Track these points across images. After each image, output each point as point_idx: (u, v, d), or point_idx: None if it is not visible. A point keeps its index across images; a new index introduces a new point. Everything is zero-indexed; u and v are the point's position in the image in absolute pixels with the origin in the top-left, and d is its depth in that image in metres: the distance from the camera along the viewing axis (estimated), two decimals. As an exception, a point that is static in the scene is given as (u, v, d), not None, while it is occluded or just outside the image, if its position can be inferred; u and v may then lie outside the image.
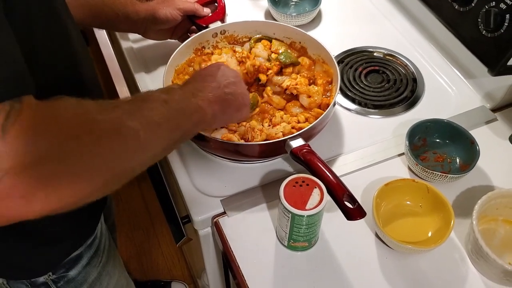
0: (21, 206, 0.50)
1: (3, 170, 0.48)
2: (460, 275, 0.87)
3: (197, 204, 0.95)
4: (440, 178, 0.93)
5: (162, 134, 0.66)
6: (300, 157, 0.87)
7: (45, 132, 0.51)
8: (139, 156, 0.63)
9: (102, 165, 0.56)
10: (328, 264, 0.88)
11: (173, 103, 0.70)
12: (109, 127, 0.57)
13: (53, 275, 0.93)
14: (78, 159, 0.53)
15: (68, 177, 0.53)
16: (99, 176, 0.56)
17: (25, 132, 0.49)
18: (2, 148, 0.48)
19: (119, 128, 0.59)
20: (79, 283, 0.98)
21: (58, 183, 0.52)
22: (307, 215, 0.79)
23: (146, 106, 0.66)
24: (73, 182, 0.53)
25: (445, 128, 1.01)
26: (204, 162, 1.02)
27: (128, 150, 0.60)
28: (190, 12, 1.13)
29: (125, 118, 0.60)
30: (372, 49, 1.25)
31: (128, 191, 2.26)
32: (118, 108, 0.62)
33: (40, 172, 0.50)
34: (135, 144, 0.61)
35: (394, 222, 0.92)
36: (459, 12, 1.06)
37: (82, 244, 0.95)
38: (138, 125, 0.61)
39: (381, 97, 1.14)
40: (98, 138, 0.56)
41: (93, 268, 1.00)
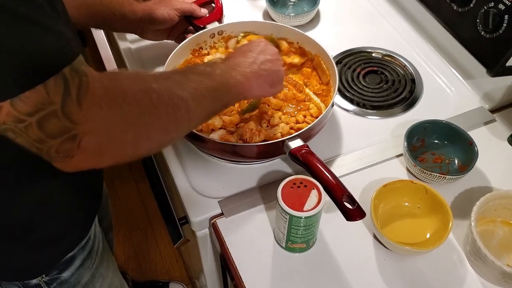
0: (94, 160, 0.61)
1: (82, 132, 0.57)
2: (459, 276, 0.86)
3: (194, 205, 0.95)
4: (438, 179, 0.93)
5: (206, 104, 0.74)
6: (299, 157, 0.87)
7: (112, 100, 0.59)
8: (188, 122, 0.71)
9: (160, 127, 0.66)
10: (326, 265, 0.87)
11: (216, 77, 0.77)
12: (164, 95, 0.66)
13: (46, 277, 0.92)
14: (140, 122, 0.63)
15: (132, 137, 0.63)
16: (156, 136, 0.67)
17: (96, 102, 0.57)
18: (79, 116, 0.56)
19: (172, 97, 0.67)
20: (72, 285, 0.98)
21: (124, 143, 0.62)
22: (305, 217, 0.79)
23: (194, 78, 0.73)
24: (136, 142, 0.64)
25: (444, 129, 1.01)
26: (202, 163, 1.02)
27: (180, 117, 0.69)
28: (187, 12, 1.13)
29: (177, 88, 0.69)
30: (371, 49, 1.25)
31: (126, 192, 2.26)
32: (170, 79, 0.70)
33: (110, 134, 0.60)
34: (185, 111, 0.69)
35: (392, 224, 0.91)
36: (457, 12, 1.06)
37: (76, 246, 0.94)
38: (187, 95, 0.69)
39: (379, 98, 1.13)
40: (156, 105, 0.64)
41: (86, 270, 1.00)
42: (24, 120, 0.54)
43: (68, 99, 0.55)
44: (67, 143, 0.57)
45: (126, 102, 0.61)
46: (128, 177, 2.31)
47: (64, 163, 0.61)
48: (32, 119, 0.55)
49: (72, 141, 0.58)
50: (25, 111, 0.54)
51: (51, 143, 0.57)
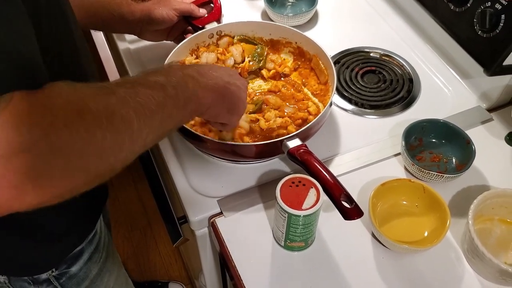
0: (12, 197, 0.49)
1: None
2: (456, 274, 0.87)
3: (193, 204, 0.95)
4: (436, 178, 0.94)
5: (155, 123, 0.63)
6: (297, 157, 0.87)
7: (37, 120, 0.49)
8: (132, 145, 0.60)
9: (95, 154, 0.55)
10: (324, 264, 0.88)
11: (170, 89, 0.66)
12: (102, 116, 0.55)
13: (55, 271, 0.93)
14: (70, 148, 0.51)
15: (60, 166, 0.51)
16: (92, 165, 0.55)
17: (16, 120, 0.47)
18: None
19: (113, 117, 0.56)
20: (81, 279, 0.99)
21: (50, 173, 0.51)
22: (304, 215, 0.80)
23: (143, 91, 0.62)
24: (65, 172, 0.52)
25: (441, 128, 1.01)
26: (201, 163, 1.02)
27: (121, 140, 0.58)
28: (186, 12, 1.13)
29: (120, 106, 0.58)
30: (369, 49, 1.25)
31: (125, 192, 2.27)
32: (113, 95, 0.59)
33: (31, 161, 0.48)
34: (127, 134, 0.58)
35: (390, 222, 0.92)
36: (454, 12, 1.07)
37: (83, 240, 0.95)
38: (132, 114, 0.58)
39: (377, 98, 1.14)
40: (91, 127, 0.54)
41: (94, 264, 1.01)
42: None
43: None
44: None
45: (54, 125, 0.50)
46: (126, 178, 2.31)
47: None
48: None
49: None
50: None
51: None
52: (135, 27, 1.12)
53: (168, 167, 1.02)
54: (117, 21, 1.09)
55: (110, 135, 0.56)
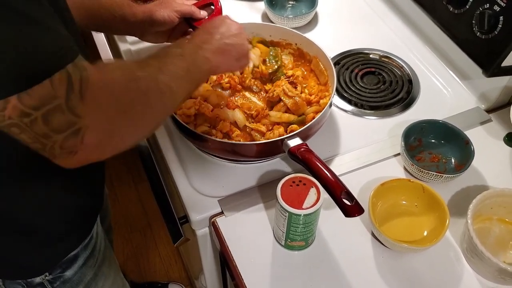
0: (96, 154, 0.64)
1: (85, 126, 0.59)
2: (455, 273, 0.88)
3: (194, 204, 0.96)
4: (435, 178, 0.94)
5: (185, 84, 0.78)
6: (298, 156, 0.88)
7: (109, 92, 0.62)
8: (172, 104, 0.77)
9: (151, 113, 0.70)
10: (325, 263, 0.88)
11: (187, 57, 0.80)
12: (150, 82, 0.70)
13: (49, 275, 0.93)
14: (134, 111, 0.66)
15: (129, 127, 0.66)
16: (149, 122, 0.71)
17: (96, 95, 0.60)
18: (82, 109, 0.59)
19: (157, 82, 0.71)
20: (75, 283, 0.99)
21: (122, 133, 0.66)
22: (304, 214, 0.80)
23: (169, 61, 0.76)
24: (132, 130, 0.68)
25: (440, 128, 1.02)
26: (202, 163, 1.03)
27: (166, 100, 0.73)
28: (187, 14, 1.14)
29: (158, 73, 0.72)
30: (368, 51, 1.26)
31: (126, 193, 2.27)
32: (150, 66, 0.72)
33: (110, 126, 0.63)
34: (170, 94, 0.73)
35: (390, 222, 0.93)
36: (453, 14, 1.07)
37: (79, 245, 0.95)
38: (168, 79, 0.72)
39: (377, 98, 1.15)
40: (145, 92, 0.68)
41: (89, 269, 1.01)
42: (30, 114, 0.56)
43: (71, 94, 0.57)
44: (71, 138, 0.59)
45: (121, 93, 0.64)
46: (127, 179, 2.32)
47: (67, 160, 0.62)
48: (38, 113, 0.56)
49: (75, 136, 0.60)
50: (31, 105, 0.55)
51: (55, 138, 0.59)
52: (136, 28, 1.13)
53: (170, 167, 1.02)
54: (118, 22, 1.09)
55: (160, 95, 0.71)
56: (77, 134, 0.60)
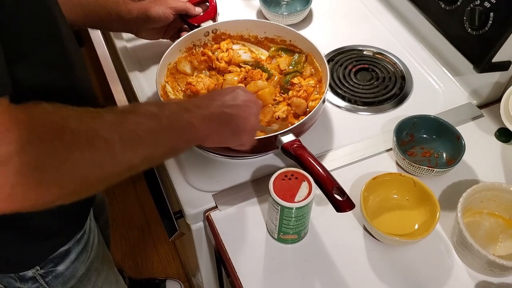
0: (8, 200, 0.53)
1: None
2: (446, 266, 0.89)
3: (189, 199, 0.97)
4: (426, 172, 0.96)
5: (142, 149, 0.65)
6: (291, 152, 0.89)
7: (18, 135, 0.52)
8: (113, 168, 0.62)
9: (72, 171, 0.57)
10: (317, 256, 0.90)
11: (162, 118, 0.69)
12: (82, 136, 0.58)
13: (41, 269, 0.94)
14: (47, 163, 0.54)
15: (38, 180, 0.54)
16: (68, 181, 0.58)
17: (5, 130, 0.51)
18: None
19: (93, 139, 0.59)
20: (67, 278, 1.00)
21: (27, 185, 0.53)
22: (296, 207, 0.81)
23: (132, 119, 0.65)
24: (42, 185, 0.55)
25: (432, 124, 1.03)
26: (196, 158, 1.04)
27: (101, 161, 0.60)
28: (182, 11, 1.15)
29: (103, 129, 0.61)
30: (362, 47, 1.27)
31: (124, 191, 2.28)
32: (99, 119, 0.62)
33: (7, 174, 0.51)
34: (108, 156, 0.61)
35: (381, 215, 0.94)
36: (445, 10, 1.09)
37: (71, 239, 0.96)
38: (116, 138, 0.61)
39: (370, 95, 1.16)
40: (70, 146, 0.56)
41: (81, 264, 1.02)
42: None
43: None
44: None
45: (31, 142, 0.53)
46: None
47: None
48: None
49: None
50: None
51: None
52: (132, 25, 1.14)
53: (164, 162, 1.04)
54: (114, 19, 1.10)
55: (89, 155, 0.58)
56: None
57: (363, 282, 0.87)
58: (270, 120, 1.03)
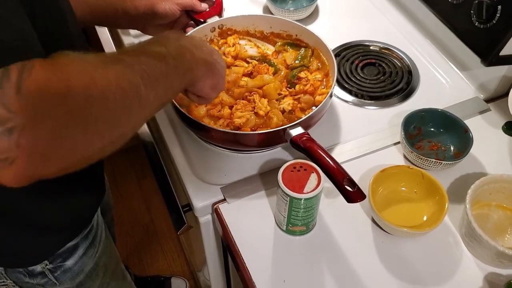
0: (39, 165, 0.53)
1: (20, 126, 0.49)
2: (454, 258, 0.89)
3: (197, 191, 0.98)
4: (434, 165, 0.96)
5: (160, 90, 0.66)
6: (300, 144, 0.90)
7: (55, 88, 0.52)
8: (141, 110, 0.63)
9: (109, 118, 0.58)
10: (325, 248, 0.90)
11: (170, 59, 0.69)
12: (112, 81, 0.58)
13: (50, 264, 0.95)
14: (87, 112, 0.54)
15: (78, 133, 0.54)
16: (107, 129, 0.58)
17: (38, 89, 0.50)
18: (17, 104, 0.49)
19: (121, 83, 0.59)
20: (75, 273, 1.00)
21: (69, 140, 0.53)
22: (305, 198, 0.82)
23: (146, 61, 0.65)
24: (83, 138, 0.55)
25: (440, 117, 1.03)
26: (205, 153, 1.05)
27: (131, 104, 0.61)
28: (188, 7, 1.16)
29: (127, 72, 0.61)
30: (368, 42, 1.28)
31: (128, 189, 2.29)
32: (120, 62, 0.62)
33: (52, 129, 0.51)
34: (137, 98, 0.61)
35: (390, 208, 0.94)
36: (452, 4, 1.09)
37: (78, 235, 0.97)
38: (139, 80, 0.61)
39: (377, 89, 1.16)
40: (104, 91, 0.56)
41: (90, 259, 1.02)
42: None
43: (5, 83, 0.49)
44: (3, 139, 0.49)
45: (71, 91, 0.53)
46: (130, 175, 2.35)
47: (4, 172, 0.52)
48: None
49: (8, 136, 0.49)
50: None
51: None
52: (138, 22, 1.14)
53: (173, 157, 1.04)
54: (120, 16, 1.11)
55: (120, 98, 0.58)
56: (10, 134, 0.49)
57: (372, 273, 0.87)
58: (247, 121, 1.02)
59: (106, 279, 1.11)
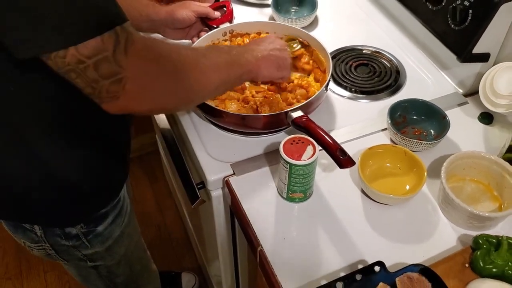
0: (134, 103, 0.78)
1: (126, 77, 0.73)
2: (432, 222, 1.03)
3: (210, 167, 1.12)
4: (416, 145, 1.10)
5: (222, 74, 0.94)
6: (301, 124, 1.06)
7: (150, 55, 0.76)
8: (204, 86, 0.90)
9: (185, 85, 0.84)
10: (321, 213, 1.04)
11: (232, 55, 0.99)
12: (191, 60, 0.86)
13: (84, 228, 1.07)
14: (171, 77, 0.81)
15: (163, 88, 0.80)
16: (182, 92, 0.85)
17: (138, 54, 0.74)
18: (125, 62, 0.72)
19: (197, 62, 0.87)
20: (105, 238, 1.13)
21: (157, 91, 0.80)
22: (302, 165, 0.96)
23: (214, 52, 0.97)
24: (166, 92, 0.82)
25: (421, 106, 1.19)
26: (217, 136, 1.20)
27: (200, 78, 0.88)
28: (203, 14, 1.32)
29: (201, 56, 0.89)
30: (361, 47, 1.44)
31: (142, 193, 2.44)
32: (196, 50, 0.95)
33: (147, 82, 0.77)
34: (204, 77, 0.88)
35: (377, 181, 1.08)
36: (432, 10, 1.26)
37: (109, 204, 1.10)
38: (208, 63, 0.89)
39: (368, 85, 1.32)
40: (184, 65, 0.83)
41: (117, 227, 1.15)
42: (84, 61, 0.69)
43: (117, 48, 0.70)
44: (114, 84, 0.73)
45: (161, 59, 0.78)
46: (143, 179, 2.50)
47: (111, 104, 0.76)
48: (90, 61, 0.69)
49: (118, 83, 0.73)
50: (85, 54, 0.69)
51: (102, 83, 0.72)
52: (159, 26, 1.30)
53: (190, 140, 1.19)
54: (143, 20, 1.27)
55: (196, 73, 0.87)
56: (120, 82, 0.73)
57: (361, 233, 1.00)
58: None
59: (131, 248, 1.25)
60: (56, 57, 0.68)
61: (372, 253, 0.97)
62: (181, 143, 1.31)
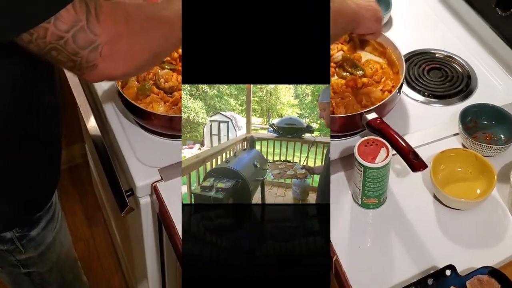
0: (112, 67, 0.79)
1: (102, 43, 0.74)
2: (502, 226, 1.06)
3: (139, 172, 1.15)
4: (486, 149, 1.13)
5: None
6: (375, 126, 1.11)
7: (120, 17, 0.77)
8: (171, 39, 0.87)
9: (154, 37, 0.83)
10: (394, 219, 1.07)
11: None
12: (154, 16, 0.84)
13: (18, 232, 1.07)
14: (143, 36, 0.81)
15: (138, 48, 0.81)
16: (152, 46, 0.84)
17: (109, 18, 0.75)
18: (99, 29, 0.74)
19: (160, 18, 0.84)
20: (38, 243, 1.13)
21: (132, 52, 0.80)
22: (376, 168, 1.00)
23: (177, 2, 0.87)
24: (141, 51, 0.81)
25: (491, 111, 1.22)
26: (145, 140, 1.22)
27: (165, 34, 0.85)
28: None
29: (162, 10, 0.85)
30: (434, 51, 1.46)
31: (71, 206, 2.40)
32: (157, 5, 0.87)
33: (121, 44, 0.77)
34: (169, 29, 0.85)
35: (448, 186, 1.09)
36: (501, 16, 1.29)
37: (42, 208, 1.10)
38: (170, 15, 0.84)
39: (441, 90, 1.36)
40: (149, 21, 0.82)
41: (49, 232, 1.15)
42: (63, 36, 0.72)
43: (90, 16, 0.72)
44: (93, 53, 0.74)
45: (129, 19, 0.78)
46: (72, 193, 2.47)
47: (92, 73, 0.78)
48: (68, 35, 0.72)
49: (95, 51, 0.74)
50: (63, 29, 0.71)
51: (82, 53, 0.74)
52: None
53: (119, 143, 1.22)
54: None
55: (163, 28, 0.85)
56: (97, 49, 0.74)
57: (432, 239, 1.03)
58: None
59: (62, 256, 1.24)
60: (38, 39, 0.72)
61: (443, 258, 0.99)
62: (111, 150, 1.32)
